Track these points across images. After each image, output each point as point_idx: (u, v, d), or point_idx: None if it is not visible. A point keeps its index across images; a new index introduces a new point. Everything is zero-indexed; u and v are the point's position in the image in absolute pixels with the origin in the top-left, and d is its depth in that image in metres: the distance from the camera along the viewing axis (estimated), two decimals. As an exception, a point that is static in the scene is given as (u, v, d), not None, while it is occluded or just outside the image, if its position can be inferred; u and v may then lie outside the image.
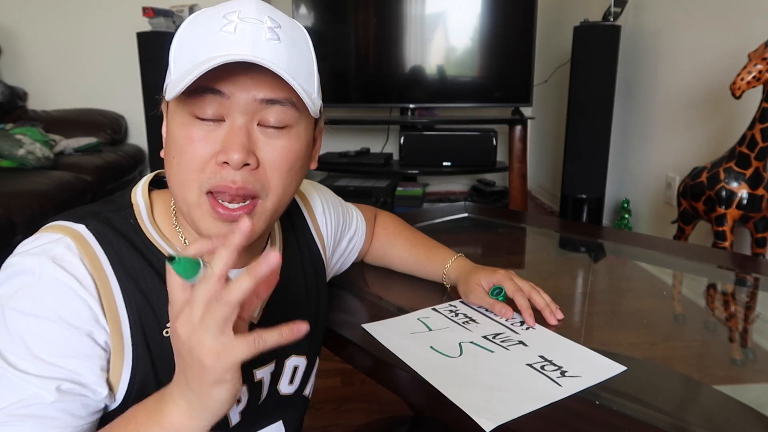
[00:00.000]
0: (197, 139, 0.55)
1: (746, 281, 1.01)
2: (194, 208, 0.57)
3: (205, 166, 0.55)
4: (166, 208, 0.63)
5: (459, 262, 0.88)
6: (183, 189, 0.56)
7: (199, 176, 0.55)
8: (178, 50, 0.56)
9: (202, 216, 0.57)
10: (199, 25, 0.56)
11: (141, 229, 0.60)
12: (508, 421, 0.56)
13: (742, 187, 1.62)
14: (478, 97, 3.14)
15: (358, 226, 0.91)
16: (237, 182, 0.55)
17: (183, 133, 0.55)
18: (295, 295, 0.72)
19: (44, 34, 3.15)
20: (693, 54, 2.24)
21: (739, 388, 0.67)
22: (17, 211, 1.93)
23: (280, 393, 0.71)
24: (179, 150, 0.56)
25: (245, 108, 0.54)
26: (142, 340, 0.56)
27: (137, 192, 0.63)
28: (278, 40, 0.54)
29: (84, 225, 0.56)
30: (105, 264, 0.55)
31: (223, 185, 0.55)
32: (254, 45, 0.53)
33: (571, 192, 2.65)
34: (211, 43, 0.53)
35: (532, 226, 1.36)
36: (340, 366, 1.70)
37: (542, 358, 0.68)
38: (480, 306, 0.82)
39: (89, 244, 0.55)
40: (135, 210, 0.61)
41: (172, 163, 0.57)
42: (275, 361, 0.69)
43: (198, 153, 0.55)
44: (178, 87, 0.51)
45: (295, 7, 3.06)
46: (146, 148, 2.99)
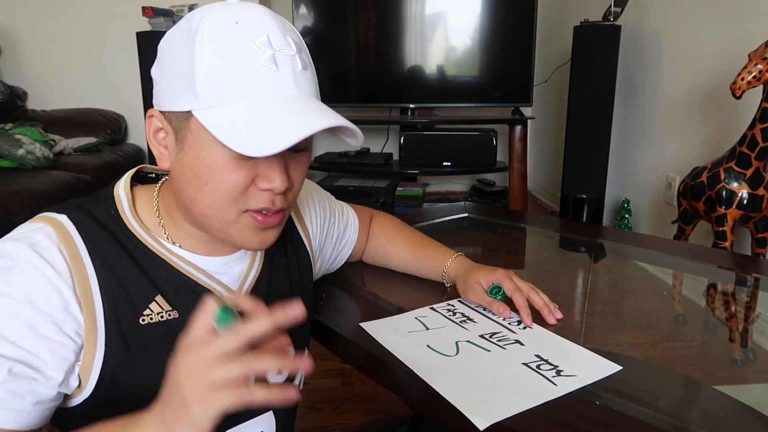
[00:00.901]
0: (237, 169, 0.56)
1: (746, 281, 1.01)
2: (231, 225, 0.60)
3: (245, 190, 0.58)
4: (149, 203, 0.65)
5: (459, 261, 0.88)
6: (218, 212, 0.59)
7: (238, 200, 0.58)
8: (206, 74, 0.54)
9: (242, 231, 0.60)
10: (227, 49, 0.54)
11: (122, 219, 0.62)
12: (502, 419, 0.56)
13: (742, 187, 1.62)
14: (478, 97, 3.14)
15: (349, 222, 0.91)
16: (277, 205, 0.60)
17: (220, 162, 0.56)
18: (277, 285, 0.72)
19: (44, 34, 3.15)
20: (693, 54, 2.23)
21: (739, 388, 0.67)
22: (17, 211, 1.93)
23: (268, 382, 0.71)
24: (215, 178, 0.57)
25: None
26: (115, 328, 0.57)
27: (119, 186, 0.65)
28: (307, 69, 0.58)
29: (65, 215, 0.59)
30: (83, 252, 0.57)
31: (266, 207, 0.59)
32: (295, 80, 0.56)
33: (571, 192, 2.65)
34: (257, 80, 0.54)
35: (532, 226, 1.36)
36: (340, 366, 1.70)
37: (538, 358, 0.68)
38: (478, 304, 0.82)
39: (69, 233, 0.57)
40: (117, 203, 0.63)
41: (203, 189, 0.58)
42: None
43: (239, 182, 0.57)
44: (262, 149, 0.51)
45: (295, 7, 3.06)
46: (146, 148, 2.99)
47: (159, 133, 0.61)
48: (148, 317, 0.60)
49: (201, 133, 0.56)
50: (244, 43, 0.54)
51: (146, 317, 0.60)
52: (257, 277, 0.70)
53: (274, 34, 0.55)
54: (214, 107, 0.54)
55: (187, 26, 0.57)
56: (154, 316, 0.60)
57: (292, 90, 0.55)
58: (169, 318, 0.61)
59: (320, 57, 3.17)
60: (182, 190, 0.60)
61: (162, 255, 0.62)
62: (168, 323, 0.61)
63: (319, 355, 0.79)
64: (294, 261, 0.76)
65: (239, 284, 0.68)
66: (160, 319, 0.60)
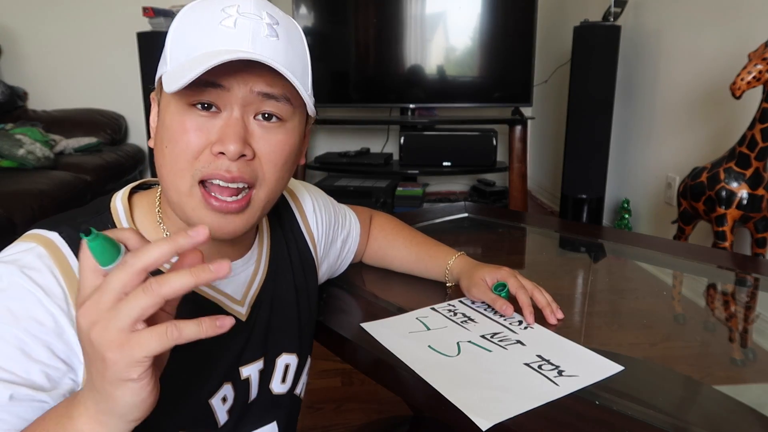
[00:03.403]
0: (192, 129, 0.55)
1: (746, 281, 1.01)
2: (186, 197, 0.57)
3: (199, 155, 0.55)
4: (150, 206, 0.63)
5: (462, 259, 0.89)
6: (175, 177, 0.56)
7: (192, 164, 0.55)
8: (175, 41, 0.56)
9: (195, 206, 0.57)
10: (197, 17, 0.56)
11: None
12: (504, 420, 0.56)
13: (742, 187, 1.62)
14: (478, 97, 3.14)
15: (352, 227, 0.90)
16: (232, 172, 0.55)
17: (177, 122, 0.55)
18: (283, 292, 0.71)
19: (44, 34, 3.15)
20: (693, 54, 2.23)
21: (739, 388, 0.67)
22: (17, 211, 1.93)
23: (272, 392, 0.71)
24: (172, 139, 0.56)
25: (242, 100, 0.55)
26: None
27: (117, 197, 0.63)
28: (276, 38, 0.55)
29: (57, 232, 0.56)
30: (77, 271, 0.53)
31: (217, 174, 0.55)
32: (254, 41, 0.54)
33: (571, 192, 2.65)
34: (211, 37, 0.54)
35: (532, 226, 1.36)
36: (340, 366, 1.70)
37: (540, 358, 0.68)
38: (482, 301, 0.82)
39: (61, 252, 0.54)
40: (113, 215, 0.60)
41: (165, 152, 0.56)
42: (264, 359, 0.68)
43: (192, 142, 0.55)
44: (180, 81, 0.51)
45: (295, 7, 3.06)
46: (146, 148, 2.99)
47: (152, 115, 0.61)
48: None
49: (165, 96, 0.56)
50: (212, 10, 0.55)
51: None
52: (262, 284, 0.69)
53: (245, 4, 0.55)
54: (174, 68, 0.55)
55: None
56: None
57: (246, 48, 0.53)
58: None
59: (320, 57, 3.17)
60: (156, 162, 0.59)
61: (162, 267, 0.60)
62: None
63: (319, 355, 0.79)
64: (300, 268, 0.75)
65: (243, 292, 0.67)
66: None
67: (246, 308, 0.66)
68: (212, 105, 0.55)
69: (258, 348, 0.67)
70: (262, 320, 0.68)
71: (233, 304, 0.65)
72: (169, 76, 0.54)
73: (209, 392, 0.63)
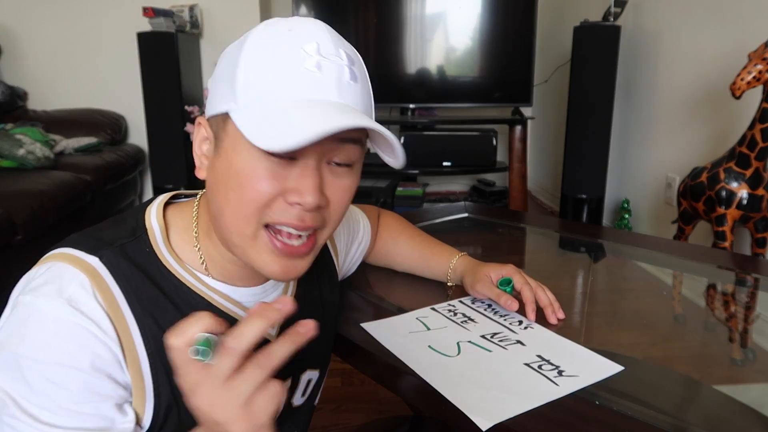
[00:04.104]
0: (266, 177, 0.51)
1: (746, 281, 1.01)
2: (250, 240, 0.54)
3: (271, 203, 0.53)
4: (186, 228, 0.61)
5: (465, 258, 0.89)
6: (239, 223, 0.54)
7: (261, 211, 0.53)
8: (250, 75, 0.52)
9: (261, 250, 0.55)
10: (273, 53, 0.52)
11: (157, 256, 0.57)
12: (504, 420, 0.56)
13: (742, 187, 1.62)
14: (478, 97, 3.14)
15: (365, 231, 0.91)
16: (305, 221, 0.54)
17: (250, 168, 0.51)
18: (310, 310, 0.70)
19: (44, 34, 3.15)
20: (693, 54, 2.23)
21: (739, 388, 0.67)
22: (17, 211, 1.93)
23: (293, 406, 0.71)
24: (242, 184, 0.52)
25: (321, 148, 0.52)
26: (163, 377, 0.54)
27: (152, 214, 0.60)
28: (356, 81, 0.54)
29: (98, 258, 0.53)
30: (121, 301, 0.53)
31: (290, 223, 0.53)
32: (339, 88, 0.52)
33: (571, 192, 2.65)
34: (296, 82, 0.51)
35: (532, 226, 1.36)
36: (340, 366, 1.70)
37: (540, 358, 0.68)
38: (486, 297, 0.83)
39: (104, 280, 0.52)
40: (150, 235, 0.58)
41: (229, 196, 0.53)
42: (291, 378, 0.68)
43: (266, 191, 0.52)
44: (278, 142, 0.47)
45: (295, 7, 3.06)
46: (146, 148, 2.99)
47: (204, 143, 0.57)
48: None
49: (235, 134, 0.52)
50: (292, 47, 0.51)
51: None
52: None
53: (325, 43, 0.52)
54: (250, 107, 0.51)
55: (244, 36, 0.55)
56: None
57: (334, 97, 0.51)
58: None
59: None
60: (212, 198, 0.56)
61: (198, 291, 0.58)
62: None
63: (329, 364, 0.79)
64: (326, 283, 0.75)
65: None
66: None
67: (276, 329, 0.65)
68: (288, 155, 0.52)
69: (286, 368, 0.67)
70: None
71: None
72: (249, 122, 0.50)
73: None
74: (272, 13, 3.57)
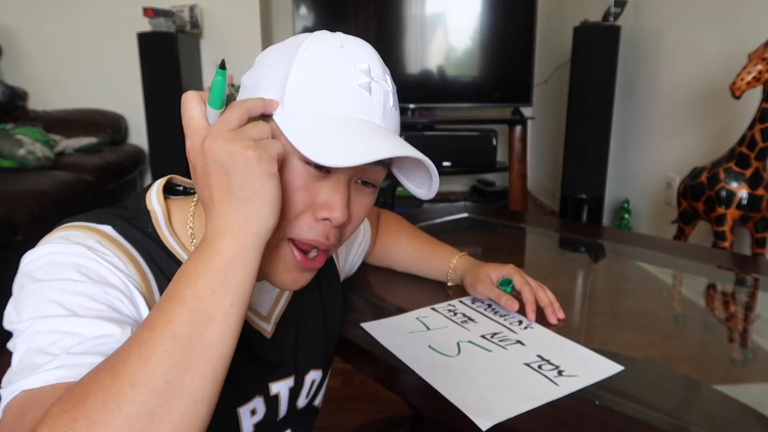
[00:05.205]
0: (300, 188, 0.52)
1: (746, 281, 1.01)
2: (270, 249, 0.53)
3: (300, 216, 0.53)
4: (183, 217, 0.61)
5: (466, 258, 0.89)
6: None
7: (289, 224, 0.53)
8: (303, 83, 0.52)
9: (276, 260, 0.54)
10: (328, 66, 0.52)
11: (159, 237, 0.57)
12: (504, 420, 0.56)
13: (742, 187, 1.62)
14: (478, 97, 3.14)
15: (365, 231, 0.91)
16: (330, 239, 0.54)
17: (285, 176, 0.51)
18: (309, 309, 0.71)
19: (44, 34, 3.15)
20: (693, 54, 2.24)
21: (739, 388, 0.67)
22: (17, 211, 1.93)
23: (297, 408, 0.71)
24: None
25: (354, 169, 0.53)
26: None
27: (152, 198, 0.60)
28: (396, 109, 0.56)
29: (110, 225, 0.54)
30: (139, 259, 0.53)
31: (317, 241, 0.54)
32: (384, 113, 0.54)
33: (571, 192, 2.65)
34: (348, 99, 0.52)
35: (532, 226, 1.36)
36: (340, 366, 1.70)
37: (540, 358, 0.68)
38: (486, 297, 0.83)
39: (119, 242, 0.53)
40: (152, 217, 0.58)
41: None
42: (295, 377, 0.68)
43: (298, 201, 0.52)
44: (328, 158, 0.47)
45: (295, 7, 3.06)
46: (146, 148, 2.99)
47: None
48: None
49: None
50: (345, 64, 0.53)
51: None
52: (288, 302, 0.68)
53: (375, 66, 0.54)
54: (298, 115, 0.51)
55: (293, 41, 0.55)
56: None
57: (378, 120, 0.53)
58: None
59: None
60: None
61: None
62: None
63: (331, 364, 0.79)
64: (326, 282, 0.75)
65: (270, 309, 0.66)
66: None
67: (271, 325, 0.66)
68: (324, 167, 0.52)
69: (289, 366, 0.67)
70: (290, 338, 0.67)
71: (259, 320, 0.64)
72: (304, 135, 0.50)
73: (238, 401, 0.62)
74: (272, 13, 3.57)
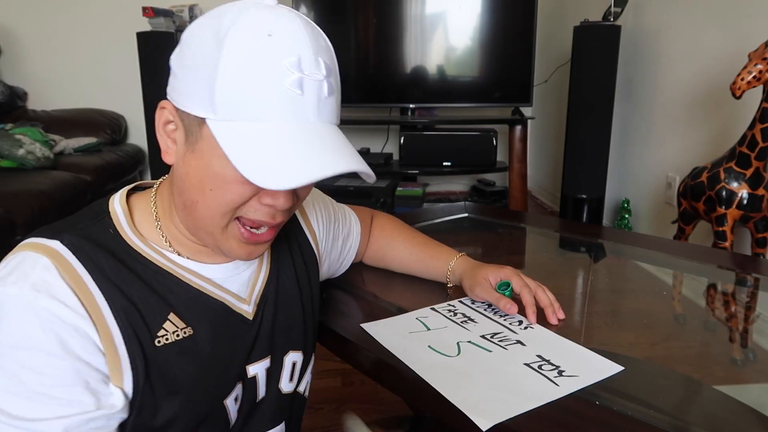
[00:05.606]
0: (244, 182, 0.53)
1: (746, 281, 1.01)
2: (220, 231, 0.58)
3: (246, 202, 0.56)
4: (147, 211, 0.63)
5: (464, 259, 0.89)
6: (215, 218, 0.57)
7: (238, 209, 0.56)
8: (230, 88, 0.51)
9: (228, 237, 0.58)
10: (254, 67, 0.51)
11: (121, 236, 0.58)
12: (504, 420, 0.56)
13: (742, 187, 1.62)
14: (478, 97, 3.14)
15: (353, 226, 0.90)
16: (276, 219, 0.58)
17: (230, 171, 0.52)
18: (286, 289, 0.71)
19: (44, 34, 3.15)
20: (693, 54, 2.23)
21: (739, 388, 0.67)
22: (17, 211, 1.93)
23: (282, 392, 0.71)
24: (221, 186, 0.55)
25: None
26: (138, 351, 0.55)
27: (115, 200, 0.62)
28: (333, 94, 0.55)
29: (58, 240, 0.54)
30: (86, 278, 0.53)
31: (263, 221, 0.57)
32: (318, 107, 0.54)
33: (571, 192, 2.65)
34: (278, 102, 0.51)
35: (532, 226, 1.36)
36: (340, 366, 1.70)
37: (540, 358, 0.68)
38: (485, 300, 0.82)
39: (66, 260, 0.53)
40: (113, 218, 0.60)
41: (207, 194, 0.55)
42: (270, 358, 0.68)
43: (244, 193, 0.55)
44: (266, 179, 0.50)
45: (295, 7, 3.06)
46: (146, 148, 2.99)
47: (169, 125, 0.58)
48: (164, 338, 0.57)
49: (212, 142, 0.53)
50: (273, 62, 0.51)
51: (161, 338, 0.57)
52: (265, 282, 0.69)
53: (306, 55, 0.52)
54: (230, 122, 0.52)
55: (218, 26, 0.53)
56: (170, 336, 0.57)
57: (313, 117, 0.53)
58: (185, 336, 0.59)
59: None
60: (184, 190, 0.57)
61: (167, 268, 0.60)
62: (183, 342, 0.58)
63: (320, 355, 0.79)
64: (302, 264, 0.75)
65: (248, 291, 0.66)
66: (176, 338, 0.58)
67: (252, 306, 0.66)
68: None
69: (264, 346, 0.68)
70: (268, 318, 0.68)
71: (239, 302, 0.65)
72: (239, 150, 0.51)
73: (224, 392, 0.63)
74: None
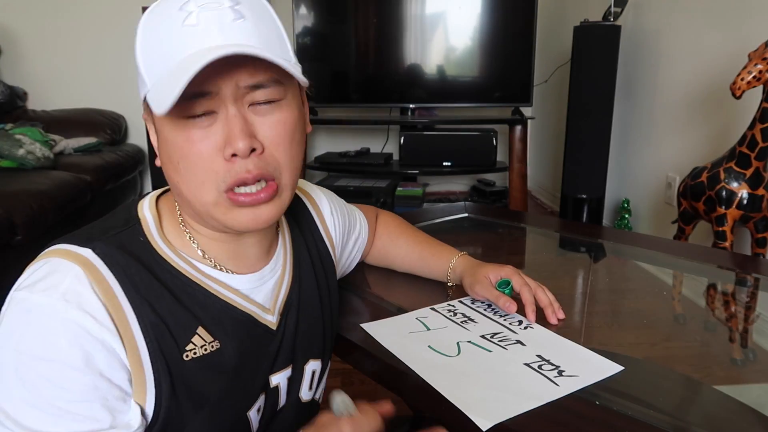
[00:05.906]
0: (198, 139, 0.53)
1: (746, 281, 1.01)
2: (213, 206, 0.56)
3: (214, 163, 0.54)
4: (174, 216, 0.62)
5: (465, 258, 0.89)
6: (197, 190, 0.55)
7: (212, 176, 0.54)
8: (145, 54, 0.54)
9: (226, 210, 0.56)
10: (158, 22, 0.53)
11: (151, 245, 0.58)
12: (504, 420, 0.56)
13: (742, 187, 1.62)
14: (478, 97, 3.14)
15: (361, 227, 0.90)
16: (252, 170, 0.54)
17: (182, 137, 0.53)
18: (307, 296, 0.71)
19: (44, 34, 3.15)
20: (693, 54, 2.23)
21: (739, 388, 0.67)
22: (17, 211, 1.93)
23: (302, 400, 0.71)
24: (183, 154, 0.54)
25: (233, 97, 0.53)
26: (163, 367, 0.54)
27: (144, 205, 0.61)
28: (243, 18, 0.53)
29: (90, 249, 0.54)
30: (117, 290, 0.53)
31: (240, 178, 0.54)
32: (222, 31, 0.52)
33: (571, 192, 2.65)
34: (179, 41, 0.52)
35: (532, 226, 1.36)
36: (340, 366, 1.70)
37: (540, 358, 0.68)
38: (485, 298, 0.82)
39: (98, 270, 0.53)
40: (143, 225, 0.59)
41: (179, 168, 0.55)
42: (292, 367, 0.68)
43: (204, 151, 0.53)
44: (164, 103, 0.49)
45: (295, 7, 3.06)
46: (146, 148, 2.99)
47: (149, 125, 0.59)
48: (192, 352, 0.56)
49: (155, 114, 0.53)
50: (170, 12, 0.52)
51: (189, 352, 0.56)
52: (289, 289, 0.68)
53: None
54: (155, 84, 0.52)
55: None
56: (197, 350, 0.57)
57: (217, 41, 0.51)
58: (213, 350, 0.58)
59: (320, 57, 3.16)
60: (170, 180, 0.58)
61: (197, 279, 0.59)
62: (211, 356, 0.58)
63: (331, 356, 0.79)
64: (321, 269, 0.75)
65: (272, 301, 0.66)
66: (203, 352, 0.57)
67: (276, 316, 0.65)
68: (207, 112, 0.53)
69: (287, 355, 0.67)
70: (291, 327, 0.67)
71: (264, 313, 0.64)
72: (153, 95, 0.52)
73: (248, 405, 0.63)
74: (272, 13, 3.56)
